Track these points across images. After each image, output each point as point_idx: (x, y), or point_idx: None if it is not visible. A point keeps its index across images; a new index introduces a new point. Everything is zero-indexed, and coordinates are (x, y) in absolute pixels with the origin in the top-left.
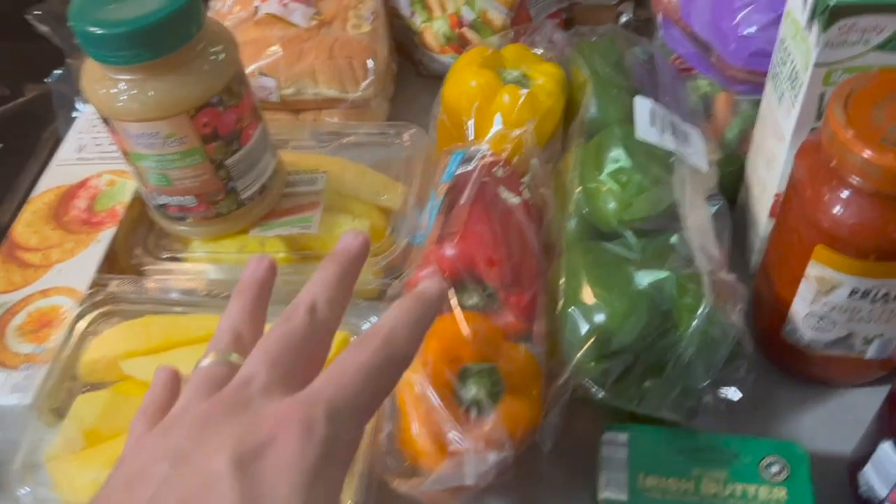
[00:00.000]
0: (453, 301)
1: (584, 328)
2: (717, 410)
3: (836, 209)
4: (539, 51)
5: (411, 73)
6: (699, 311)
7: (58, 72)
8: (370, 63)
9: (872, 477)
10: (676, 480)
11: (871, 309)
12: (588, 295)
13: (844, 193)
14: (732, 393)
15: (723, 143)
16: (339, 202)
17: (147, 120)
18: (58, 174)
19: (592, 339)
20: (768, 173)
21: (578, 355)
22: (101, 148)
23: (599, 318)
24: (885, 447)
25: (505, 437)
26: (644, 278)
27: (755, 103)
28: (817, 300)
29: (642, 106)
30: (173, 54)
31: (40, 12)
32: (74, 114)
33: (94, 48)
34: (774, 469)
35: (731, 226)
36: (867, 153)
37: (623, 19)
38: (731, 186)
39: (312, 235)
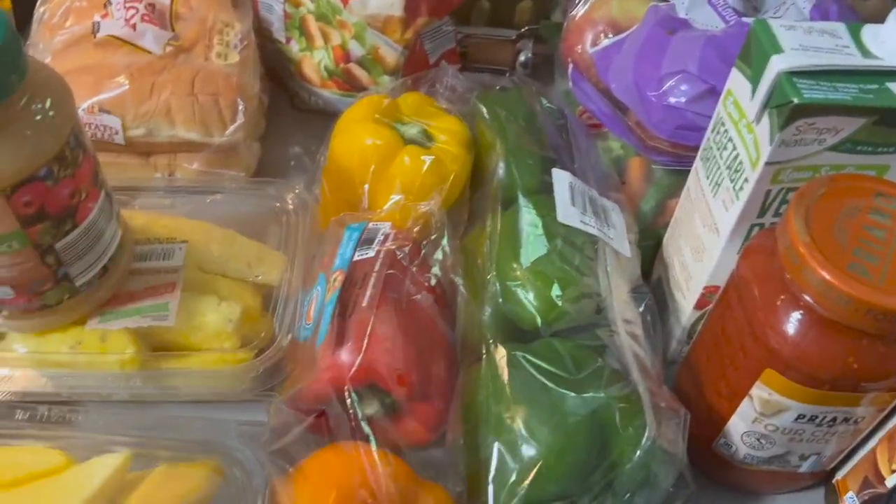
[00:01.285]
0: (353, 417)
1: (513, 470)
2: None
3: (790, 330)
4: (440, 102)
5: (285, 105)
6: (643, 443)
7: None
8: (240, 103)
9: None
10: None
11: (814, 431)
12: (516, 424)
13: (798, 314)
14: None
15: (637, 215)
16: (201, 280)
17: None
18: None
19: (524, 485)
20: (696, 263)
21: (505, 501)
22: None
23: (530, 454)
24: None
25: None
26: (580, 405)
27: (672, 172)
28: (759, 421)
29: (561, 181)
30: None
31: None
32: None
33: None
34: None
35: (660, 325)
36: (832, 279)
37: (521, 58)
38: (645, 262)
39: (168, 328)
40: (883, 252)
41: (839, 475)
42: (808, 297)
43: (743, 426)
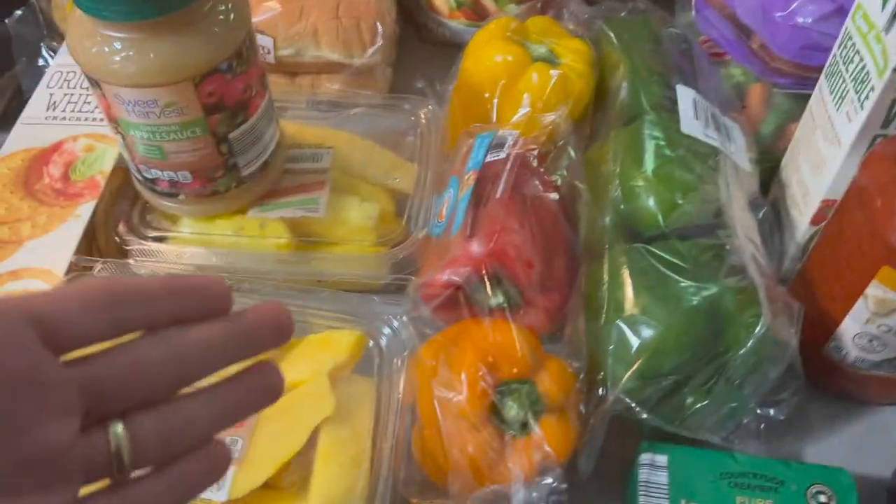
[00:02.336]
0: (491, 301)
1: (633, 345)
2: (757, 431)
3: None
4: (566, 26)
5: (413, 37)
6: (756, 331)
7: (19, 12)
8: (379, 27)
9: None
10: None
11: None
12: (636, 307)
13: None
14: (775, 415)
15: (756, 138)
16: (345, 182)
17: (145, 86)
18: (24, 134)
19: (642, 358)
20: (814, 177)
21: (626, 375)
22: (76, 106)
23: (649, 334)
24: None
25: (554, 461)
26: (697, 292)
27: (792, 97)
28: (873, 321)
29: (685, 96)
30: (180, 12)
31: None
32: (41, 62)
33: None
34: (822, 499)
35: (779, 234)
36: None
37: None
38: (761, 184)
39: (317, 220)
40: None
41: None
42: None
43: (855, 327)
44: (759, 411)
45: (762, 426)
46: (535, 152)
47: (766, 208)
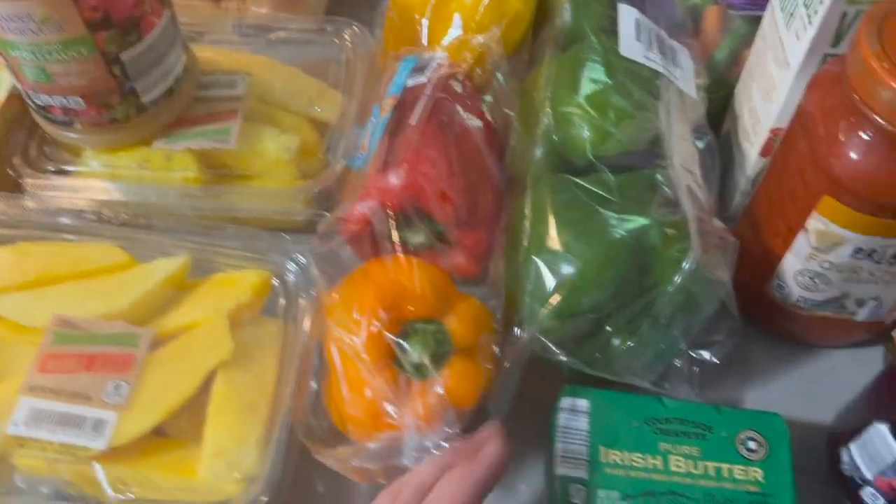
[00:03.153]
0: (396, 238)
1: (550, 282)
2: (689, 374)
3: (853, 154)
4: None
5: None
6: (684, 266)
7: None
8: None
9: (858, 456)
10: (642, 456)
11: (873, 270)
12: (557, 242)
13: (866, 136)
14: (709, 357)
15: (710, 65)
16: (263, 111)
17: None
18: None
19: (560, 296)
20: (765, 104)
21: (542, 313)
22: None
23: (568, 270)
24: (879, 429)
25: (451, 412)
26: (623, 225)
27: (751, 20)
28: (814, 257)
29: (627, 15)
30: None
31: None
32: None
33: None
34: (752, 445)
35: (720, 165)
36: None
37: None
38: (715, 115)
39: (229, 151)
40: None
41: None
42: (874, 115)
43: (797, 264)
44: (692, 354)
45: (696, 370)
46: (461, 77)
47: (709, 137)
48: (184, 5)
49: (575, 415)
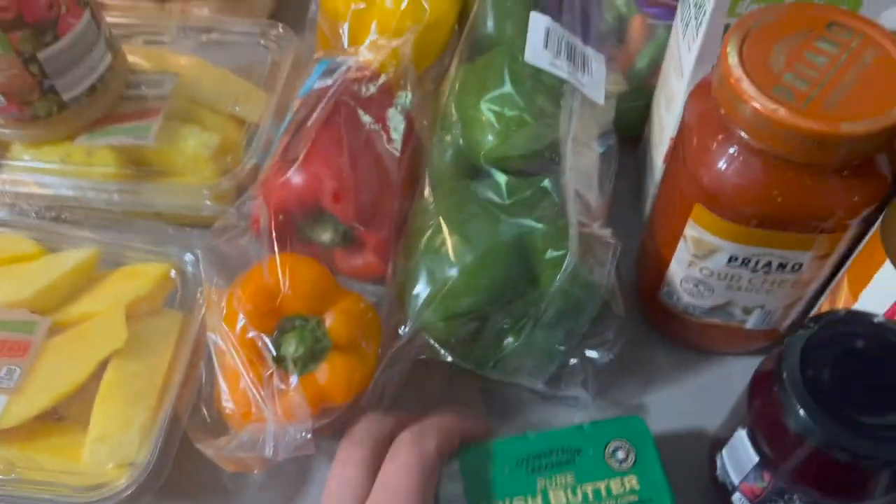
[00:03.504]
0: (323, 237)
1: (429, 284)
2: (583, 375)
3: (720, 165)
4: None
5: None
6: (562, 268)
7: None
8: None
9: (728, 462)
10: (523, 500)
11: (751, 278)
12: (444, 244)
13: (731, 148)
14: (599, 357)
15: (631, 74)
16: (189, 110)
17: None
18: None
19: (438, 298)
20: (667, 113)
21: (420, 314)
22: None
23: (451, 273)
24: (741, 434)
25: (306, 411)
26: (506, 228)
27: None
28: (694, 264)
29: (537, 24)
30: None
31: None
32: None
33: None
34: (620, 455)
35: (614, 169)
36: (755, 103)
37: None
38: (637, 123)
39: (149, 148)
40: (817, 79)
41: None
42: (732, 124)
43: (681, 271)
44: (586, 354)
45: (590, 370)
46: (369, 79)
47: (612, 143)
48: (129, 6)
49: (451, 481)
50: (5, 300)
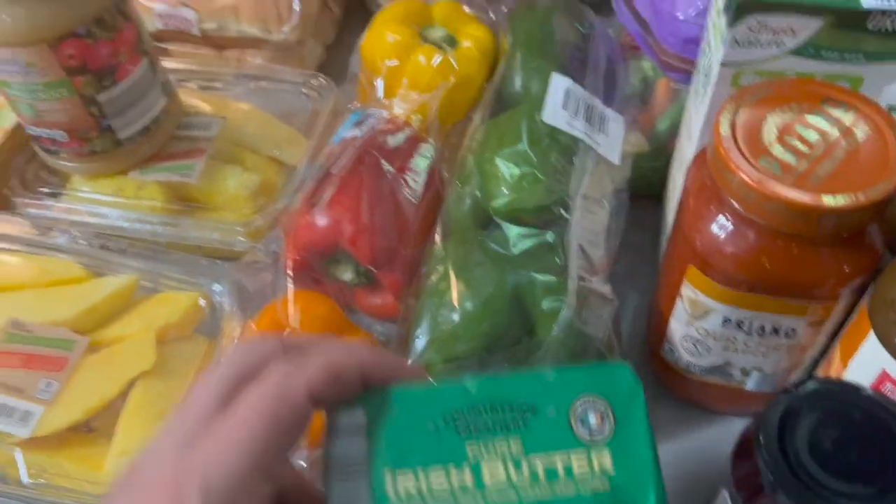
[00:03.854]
0: (345, 276)
1: (431, 325)
2: None
3: (712, 230)
4: (476, 10)
5: (362, 18)
6: (559, 320)
7: None
8: (296, 4)
9: None
10: (445, 471)
11: (746, 340)
12: (448, 289)
13: (723, 216)
14: None
15: (654, 135)
16: (232, 152)
17: (3, 46)
18: None
19: (439, 339)
20: (678, 175)
21: (422, 353)
22: None
23: (452, 316)
24: (724, 495)
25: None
26: (508, 279)
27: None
28: (691, 323)
29: (558, 85)
30: None
31: None
32: None
33: None
34: (593, 420)
35: (622, 226)
36: (742, 173)
37: None
38: (658, 183)
39: (193, 185)
40: (806, 154)
41: None
42: (723, 193)
43: (680, 329)
44: None
45: None
46: (393, 132)
47: (622, 200)
48: (190, 52)
49: (350, 436)
50: (51, 319)
